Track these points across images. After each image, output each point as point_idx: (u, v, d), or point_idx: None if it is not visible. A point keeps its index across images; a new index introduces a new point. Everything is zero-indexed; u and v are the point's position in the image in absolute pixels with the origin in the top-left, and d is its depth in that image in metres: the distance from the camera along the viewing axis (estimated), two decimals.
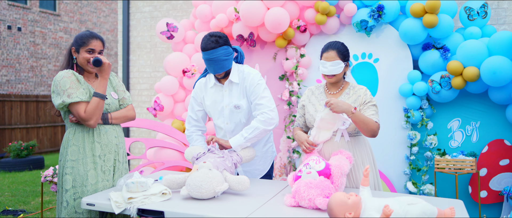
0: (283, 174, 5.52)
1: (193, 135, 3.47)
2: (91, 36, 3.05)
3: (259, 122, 3.15)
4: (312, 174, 2.53)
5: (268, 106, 3.19)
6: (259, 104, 3.20)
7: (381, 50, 5.14)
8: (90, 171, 2.97)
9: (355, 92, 3.11)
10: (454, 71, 4.53)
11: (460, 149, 4.87)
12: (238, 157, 3.08)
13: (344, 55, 3.07)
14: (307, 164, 2.67)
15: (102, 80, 2.99)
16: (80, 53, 3.03)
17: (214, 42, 3.10)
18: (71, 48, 3.07)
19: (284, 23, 5.04)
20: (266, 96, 3.22)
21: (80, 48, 3.02)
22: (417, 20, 4.74)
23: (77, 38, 3.05)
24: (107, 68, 2.99)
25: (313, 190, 2.42)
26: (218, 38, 3.12)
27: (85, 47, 3.02)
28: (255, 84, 3.22)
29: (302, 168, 2.67)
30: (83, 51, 3.02)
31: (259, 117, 3.17)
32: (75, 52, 3.05)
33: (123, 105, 3.24)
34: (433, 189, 4.80)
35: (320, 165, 2.60)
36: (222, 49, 3.12)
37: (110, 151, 3.08)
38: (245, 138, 3.14)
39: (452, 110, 4.93)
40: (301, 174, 2.62)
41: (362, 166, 3.13)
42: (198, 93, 3.42)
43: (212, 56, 3.11)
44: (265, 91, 3.24)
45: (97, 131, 3.03)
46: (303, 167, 2.66)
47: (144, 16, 7.58)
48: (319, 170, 2.57)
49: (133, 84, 7.64)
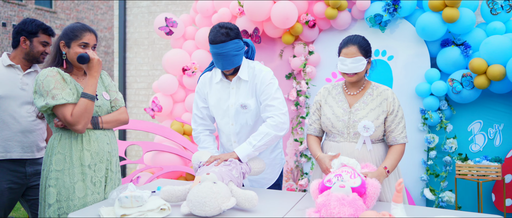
0: (290, 179, 5.17)
1: (200, 136, 3.12)
2: (84, 28, 2.72)
3: (269, 127, 2.81)
4: (346, 189, 2.17)
5: (280, 109, 2.85)
6: (270, 105, 2.85)
7: (396, 47, 4.79)
8: (78, 183, 2.62)
9: (380, 94, 2.77)
10: (477, 69, 4.18)
11: (482, 154, 4.52)
12: (247, 167, 2.72)
13: (366, 51, 2.74)
14: (339, 175, 2.31)
15: (90, 79, 2.63)
16: (71, 47, 2.68)
17: (225, 34, 2.75)
18: (59, 42, 2.71)
19: (291, 18, 4.71)
20: (278, 98, 2.88)
21: (72, 42, 2.68)
22: (436, 14, 4.40)
23: (68, 31, 2.70)
24: (96, 64, 2.64)
25: (345, 208, 2.06)
26: (229, 31, 2.77)
27: (77, 41, 2.68)
28: (267, 83, 2.88)
29: (332, 178, 2.31)
30: (75, 45, 2.68)
31: (269, 121, 2.83)
32: (65, 46, 2.70)
33: (115, 107, 2.89)
34: (453, 197, 4.45)
35: (356, 180, 2.25)
36: (233, 43, 2.78)
37: (102, 160, 2.72)
38: (254, 146, 2.79)
39: (473, 111, 4.58)
40: (330, 185, 2.27)
41: (387, 179, 2.80)
42: (202, 88, 3.07)
43: (221, 50, 2.75)
44: (278, 92, 2.90)
45: (86, 137, 2.68)
46: (334, 177, 2.30)
47: (141, 11, 7.23)
48: (354, 186, 2.21)
49: (130, 83, 7.30)
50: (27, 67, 3.26)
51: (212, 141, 3.10)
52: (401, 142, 2.74)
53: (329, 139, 2.89)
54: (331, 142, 2.86)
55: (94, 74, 2.63)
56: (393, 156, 2.71)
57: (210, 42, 2.80)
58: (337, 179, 2.29)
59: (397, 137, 2.74)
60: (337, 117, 2.79)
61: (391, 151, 2.74)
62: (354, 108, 2.78)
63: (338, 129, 2.79)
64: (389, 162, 2.68)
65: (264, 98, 2.87)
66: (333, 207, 2.08)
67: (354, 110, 2.77)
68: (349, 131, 2.76)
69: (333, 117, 2.80)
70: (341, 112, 2.79)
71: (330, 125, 2.81)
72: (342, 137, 2.79)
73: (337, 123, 2.78)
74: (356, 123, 2.73)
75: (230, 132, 3.02)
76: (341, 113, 2.79)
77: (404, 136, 2.76)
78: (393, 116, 2.74)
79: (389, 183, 2.80)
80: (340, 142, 2.80)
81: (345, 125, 2.76)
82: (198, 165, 2.70)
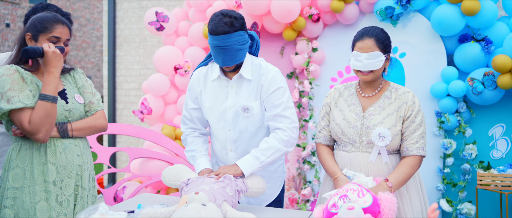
0: (292, 188, 4.74)
1: (187, 138, 2.68)
2: (56, 19, 2.31)
3: (281, 142, 2.39)
4: (356, 211, 1.75)
5: (294, 122, 2.44)
6: (283, 116, 2.43)
7: (408, 43, 4.38)
8: (40, 202, 2.20)
9: (399, 96, 2.37)
10: (502, 67, 3.75)
11: (505, 161, 4.09)
12: (243, 185, 2.28)
13: (384, 45, 2.34)
14: (344, 196, 1.88)
15: (47, 76, 2.19)
16: (39, 41, 2.27)
17: (229, 24, 2.32)
18: (25, 35, 2.28)
19: (293, 11, 4.32)
20: (291, 107, 2.47)
21: (40, 35, 2.27)
22: (454, 7, 3.98)
23: (36, 22, 2.28)
24: (51, 58, 2.19)
25: None
26: (234, 20, 2.34)
27: (47, 34, 2.27)
28: (277, 86, 2.46)
29: (336, 202, 1.88)
30: (44, 39, 2.27)
31: (280, 135, 2.40)
32: (32, 39, 2.27)
33: (90, 111, 2.46)
34: (473, 209, 4.02)
35: (366, 199, 1.83)
36: (238, 35, 2.34)
37: (70, 175, 2.29)
38: (261, 162, 2.37)
39: (494, 114, 4.15)
40: (336, 211, 1.84)
41: (407, 194, 2.37)
42: (195, 86, 2.62)
43: (223, 43, 2.32)
44: (290, 100, 2.49)
45: (51, 148, 2.25)
46: (340, 200, 1.88)
47: (132, 6, 6.82)
48: (365, 207, 1.79)
49: (120, 83, 6.90)
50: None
51: (201, 143, 2.66)
52: (413, 154, 2.33)
53: (339, 148, 2.48)
54: (341, 151, 2.45)
55: (51, 69, 2.19)
56: (400, 169, 2.29)
57: (210, 32, 2.37)
58: (342, 201, 1.87)
59: (410, 147, 2.33)
60: (348, 122, 2.38)
61: (400, 163, 2.33)
62: (368, 112, 2.37)
63: (349, 137, 2.38)
64: (394, 175, 2.26)
65: (273, 105, 2.46)
66: None
67: (367, 114, 2.36)
68: (362, 139, 2.35)
69: (344, 122, 2.39)
70: (353, 117, 2.38)
71: (340, 132, 2.40)
72: (353, 146, 2.39)
73: (348, 130, 2.37)
74: (369, 130, 2.32)
75: (227, 139, 2.58)
76: (353, 118, 2.38)
77: (420, 148, 2.34)
78: (409, 121, 2.34)
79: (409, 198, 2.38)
80: (351, 152, 2.40)
81: (357, 132, 2.36)
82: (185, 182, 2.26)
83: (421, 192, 2.44)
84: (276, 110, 2.43)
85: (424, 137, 2.36)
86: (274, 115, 2.43)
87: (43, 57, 2.18)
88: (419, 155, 2.33)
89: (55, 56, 2.19)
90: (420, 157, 2.34)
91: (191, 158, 2.61)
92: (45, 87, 2.16)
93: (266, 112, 2.48)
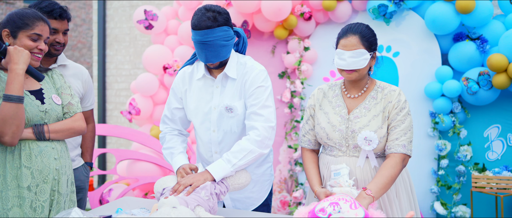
0: (284, 190, 4.65)
1: (166, 136, 2.56)
2: (37, 16, 2.21)
3: (253, 143, 2.27)
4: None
5: (269, 121, 2.32)
6: (258, 114, 2.32)
7: (402, 42, 4.30)
8: (13, 209, 2.09)
9: (385, 96, 2.26)
10: (497, 66, 3.67)
11: (501, 163, 4.00)
12: (222, 186, 2.18)
13: (369, 43, 2.24)
14: (336, 203, 1.78)
15: (10, 74, 2.07)
16: (18, 38, 2.16)
17: (212, 19, 2.23)
18: (1, 31, 2.17)
19: (284, 9, 4.24)
20: (269, 106, 2.36)
21: (19, 32, 2.17)
22: (448, 4, 3.91)
23: (15, 17, 2.17)
24: (13, 54, 2.07)
25: None
26: (218, 14, 2.25)
27: (27, 30, 2.17)
28: (258, 84, 2.35)
29: (326, 207, 1.78)
30: (24, 36, 2.17)
31: (253, 136, 2.29)
32: (9, 36, 2.16)
33: (69, 113, 2.35)
34: (468, 212, 3.94)
35: (357, 212, 1.73)
36: (221, 30, 2.25)
37: (46, 180, 2.18)
38: (233, 165, 2.24)
39: (490, 114, 4.07)
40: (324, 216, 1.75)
41: (396, 198, 2.28)
42: (180, 85, 2.51)
43: (206, 38, 2.23)
44: (270, 99, 2.37)
45: (26, 151, 2.14)
46: (329, 206, 1.78)
47: (122, 5, 6.73)
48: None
49: (110, 83, 6.80)
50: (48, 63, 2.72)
51: (179, 142, 2.54)
52: (392, 152, 2.17)
53: (326, 153, 2.37)
54: (328, 156, 2.34)
55: (13, 67, 2.06)
56: (379, 173, 2.12)
57: (192, 27, 2.28)
58: (333, 208, 1.77)
59: (390, 144, 2.20)
60: (333, 126, 2.27)
61: (381, 166, 2.17)
62: (353, 114, 2.27)
63: (335, 141, 2.27)
64: (374, 181, 2.09)
65: (252, 103, 2.35)
66: None
67: (353, 117, 2.26)
68: (348, 143, 2.25)
69: (328, 126, 2.28)
70: (338, 120, 2.28)
71: (326, 137, 2.29)
72: (340, 151, 2.28)
73: (333, 134, 2.26)
74: (355, 134, 2.22)
75: (211, 140, 2.48)
76: (338, 121, 2.27)
77: (400, 145, 2.17)
78: (391, 119, 2.22)
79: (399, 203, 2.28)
80: (338, 157, 2.29)
81: (343, 136, 2.25)
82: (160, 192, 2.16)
83: (411, 196, 2.34)
84: (253, 108, 2.33)
85: (407, 134, 2.19)
86: (250, 113, 2.33)
87: (6, 54, 2.06)
88: (400, 153, 2.16)
89: (16, 51, 2.07)
90: (401, 155, 2.17)
91: (169, 155, 2.51)
92: (8, 86, 2.04)
93: (246, 110, 2.39)
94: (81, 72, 2.90)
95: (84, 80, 2.91)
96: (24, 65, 2.08)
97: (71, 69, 2.85)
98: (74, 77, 2.79)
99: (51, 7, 2.65)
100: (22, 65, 2.07)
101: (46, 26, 2.25)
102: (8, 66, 2.06)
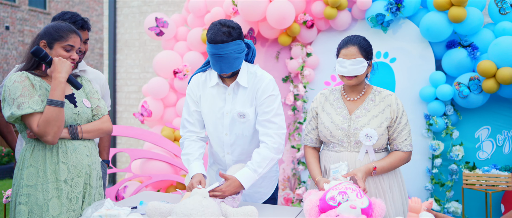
0: (287, 188, 4.91)
1: (185, 142, 2.77)
2: (71, 29, 2.45)
3: (273, 151, 2.54)
4: (357, 211, 1.94)
5: (281, 128, 2.59)
6: (272, 122, 2.58)
7: (399, 49, 4.55)
8: (52, 199, 2.34)
9: (383, 99, 2.54)
10: (486, 72, 3.94)
11: (490, 162, 4.27)
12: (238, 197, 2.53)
13: (367, 52, 2.52)
14: (344, 192, 2.06)
15: (54, 82, 2.33)
16: (54, 49, 2.40)
17: (226, 34, 2.45)
18: (39, 42, 2.43)
19: (288, 18, 4.48)
20: (281, 114, 2.62)
21: (55, 43, 2.40)
22: (442, 14, 4.16)
23: (51, 30, 2.41)
24: (57, 64, 2.33)
25: None
26: (232, 30, 2.47)
27: (62, 42, 2.40)
28: (269, 93, 2.60)
29: (335, 196, 2.05)
30: (59, 47, 2.40)
31: (270, 144, 2.55)
32: (46, 46, 2.41)
33: (97, 115, 2.60)
34: (459, 207, 4.20)
35: (363, 201, 2.01)
36: (235, 44, 2.47)
37: (80, 174, 2.44)
38: (259, 174, 2.52)
39: (480, 117, 4.34)
40: (334, 204, 2.02)
41: (390, 192, 2.56)
42: (195, 90, 2.74)
43: (221, 51, 2.45)
44: (280, 107, 2.63)
45: (63, 148, 2.40)
46: (339, 195, 2.05)
47: (132, 11, 6.96)
48: (363, 207, 1.97)
49: (120, 86, 7.03)
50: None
51: (196, 147, 2.73)
52: (404, 150, 2.54)
53: (328, 149, 2.64)
54: (330, 152, 2.62)
55: (57, 75, 2.33)
56: (388, 159, 2.50)
57: (208, 41, 2.49)
58: (342, 197, 2.04)
59: (400, 145, 2.53)
60: (336, 125, 2.55)
61: (390, 154, 2.55)
62: (354, 115, 2.55)
63: (338, 138, 2.55)
64: (381, 163, 2.47)
65: (264, 111, 2.60)
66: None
67: (354, 117, 2.54)
68: (350, 140, 2.53)
69: (332, 125, 2.56)
70: (340, 119, 2.56)
71: (329, 134, 2.57)
72: (342, 147, 2.56)
73: (336, 132, 2.54)
74: (357, 131, 2.50)
75: (224, 143, 2.73)
76: (340, 120, 2.55)
77: (409, 144, 2.54)
78: (396, 123, 2.53)
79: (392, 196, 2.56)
80: (340, 152, 2.57)
81: (345, 134, 2.53)
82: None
83: (402, 190, 2.62)
84: (266, 115, 2.57)
85: (410, 135, 2.56)
86: (264, 120, 2.57)
87: (51, 65, 2.33)
88: (408, 151, 2.54)
89: (60, 62, 2.33)
90: (409, 153, 2.55)
91: (186, 161, 2.71)
92: (52, 92, 2.30)
93: (258, 116, 2.63)
94: (99, 77, 3.18)
95: (101, 85, 3.19)
96: (66, 74, 2.35)
97: (90, 74, 3.12)
98: (92, 81, 3.04)
99: (74, 19, 2.94)
100: (64, 74, 2.34)
101: (78, 38, 2.50)
102: (52, 74, 2.33)
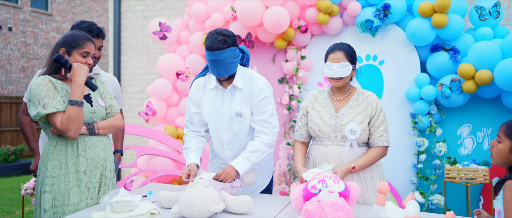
0: (283, 182, 5.23)
1: (186, 138, 3.14)
2: (87, 38, 2.76)
3: (265, 145, 2.90)
4: (335, 195, 2.24)
5: (275, 127, 2.94)
6: (267, 122, 2.92)
7: (386, 52, 4.87)
8: (73, 188, 2.66)
9: (365, 99, 2.87)
10: (466, 74, 4.26)
11: (471, 157, 4.60)
12: (239, 181, 2.82)
13: (351, 57, 2.85)
14: (323, 180, 2.37)
15: (74, 84, 2.66)
16: (72, 55, 2.71)
17: (222, 41, 2.78)
18: (59, 49, 2.75)
19: (284, 23, 4.77)
20: (275, 115, 2.96)
21: (73, 50, 2.71)
22: (426, 20, 4.47)
23: (70, 39, 2.73)
24: (76, 69, 2.66)
25: (339, 213, 2.14)
26: (227, 38, 2.80)
27: (79, 49, 2.71)
28: (263, 95, 2.93)
29: (316, 184, 2.37)
30: (77, 54, 2.71)
31: (264, 139, 2.90)
32: (65, 53, 2.73)
33: (111, 113, 2.93)
34: (442, 199, 4.53)
35: (340, 185, 2.32)
36: (230, 50, 2.80)
37: (97, 166, 2.77)
38: (252, 162, 2.87)
39: (462, 115, 4.66)
40: (315, 191, 2.33)
41: (371, 182, 2.88)
42: (195, 94, 3.08)
43: (218, 57, 2.78)
44: (274, 108, 2.97)
45: (82, 143, 2.72)
46: (318, 183, 2.37)
47: (136, 16, 7.27)
48: (340, 191, 2.29)
49: (125, 87, 7.33)
50: None
51: (195, 142, 3.09)
52: (379, 145, 2.83)
53: (317, 143, 2.96)
54: (319, 146, 2.93)
55: (76, 79, 2.65)
56: (365, 157, 2.80)
57: (206, 48, 2.82)
58: (321, 184, 2.34)
59: (376, 140, 2.83)
60: (324, 121, 2.87)
61: (367, 152, 2.84)
62: (340, 112, 2.86)
63: (326, 133, 2.86)
64: (359, 161, 2.77)
65: (259, 112, 2.93)
66: (327, 213, 2.14)
67: (340, 114, 2.85)
68: (336, 134, 2.84)
69: (320, 121, 2.88)
70: (328, 116, 2.87)
71: (318, 130, 2.88)
72: (329, 141, 2.87)
73: (324, 127, 2.86)
74: (342, 127, 2.81)
75: (223, 139, 3.06)
76: (328, 117, 2.87)
77: (384, 140, 2.83)
78: (374, 119, 2.84)
79: (373, 186, 2.88)
80: (327, 146, 2.88)
81: (332, 129, 2.84)
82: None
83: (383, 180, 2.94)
84: (262, 116, 2.91)
85: (387, 131, 2.86)
86: (260, 120, 2.91)
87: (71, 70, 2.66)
88: (383, 146, 2.84)
89: (79, 67, 2.66)
90: (384, 147, 2.84)
91: (185, 154, 3.10)
92: (73, 93, 2.62)
93: (253, 116, 2.96)
94: (111, 80, 3.52)
95: (114, 86, 3.52)
96: (84, 78, 2.67)
97: (103, 77, 3.46)
98: (105, 83, 3.37)
99: (91, 27, 3.28)
100: (82, 78, 2.66)
101: (93, 45, 2.82)
102: (72, 78, 2.65)
